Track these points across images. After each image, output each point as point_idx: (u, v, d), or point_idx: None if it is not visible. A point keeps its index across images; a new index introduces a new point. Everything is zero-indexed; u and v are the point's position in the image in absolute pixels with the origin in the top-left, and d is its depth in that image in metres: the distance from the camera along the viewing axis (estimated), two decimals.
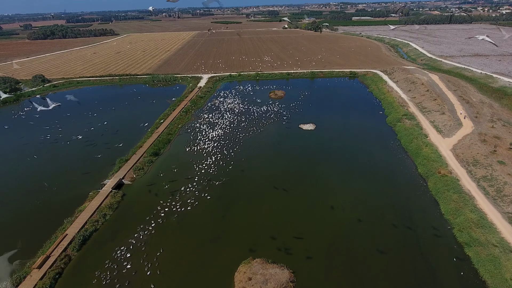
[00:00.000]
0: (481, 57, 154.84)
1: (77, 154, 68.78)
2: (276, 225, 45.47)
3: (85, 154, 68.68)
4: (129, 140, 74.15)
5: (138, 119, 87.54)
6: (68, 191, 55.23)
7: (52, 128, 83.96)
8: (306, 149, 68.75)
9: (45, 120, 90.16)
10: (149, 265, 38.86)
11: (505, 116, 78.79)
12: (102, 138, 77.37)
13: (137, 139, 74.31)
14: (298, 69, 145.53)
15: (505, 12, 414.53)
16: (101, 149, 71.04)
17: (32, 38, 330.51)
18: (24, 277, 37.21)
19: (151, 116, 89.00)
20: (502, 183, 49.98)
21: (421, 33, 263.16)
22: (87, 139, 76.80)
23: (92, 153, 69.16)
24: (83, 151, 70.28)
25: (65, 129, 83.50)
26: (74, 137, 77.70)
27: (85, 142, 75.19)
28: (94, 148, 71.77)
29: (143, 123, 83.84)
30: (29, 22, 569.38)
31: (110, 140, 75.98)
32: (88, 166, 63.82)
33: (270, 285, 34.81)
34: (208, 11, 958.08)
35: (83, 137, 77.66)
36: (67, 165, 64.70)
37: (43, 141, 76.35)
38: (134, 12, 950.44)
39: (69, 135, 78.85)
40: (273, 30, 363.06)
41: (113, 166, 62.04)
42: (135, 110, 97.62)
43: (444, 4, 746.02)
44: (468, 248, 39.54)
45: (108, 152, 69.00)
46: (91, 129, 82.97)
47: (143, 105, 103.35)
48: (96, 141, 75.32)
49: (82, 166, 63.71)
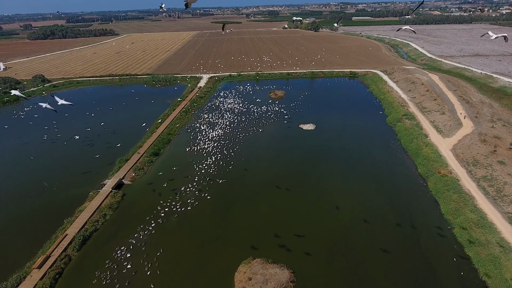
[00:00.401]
0: (481, 57, 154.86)
1: (77, 154, 68.74)
2: (276, 225, 45.46)
3: (85, 154, 68.64)
4: (129, 140, 74.13)
5: (138, 119, 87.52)
6: (68, 191, 55.23)
7: (51, 128, 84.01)
8: (306, 149, 68.72)
9: (45, 120, 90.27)
10: (149, 265, 38.86)
11: (505, 116, 78.78)
12: (101, 138, 77.35)
13: (137, 139, 74.30)
14: (298, 69, 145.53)
15: (505, 12, 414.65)
16: (101, 149, 71.02)
17: (32, 38, 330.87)
18: (24, 277, 37.20)
19: (151, 116, 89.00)
20: (502, 183, 49.99)
21: (421, 33, 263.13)
22: (86, 139, 76.78)
23: (92, 153, 69.11)
24: (83, 151, 70.23)
25: (65, 129, 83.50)
26: (73, 137, 77.59)
27: (85, 142, 75.15)
28: (94, 148, 71.72)
29: (143, 123, 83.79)
30: (29, 22, 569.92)
31: (110, 140, 75.95)
32: (88, 166, 63.79)
33: (270, 285, 34.80)
34: (208, 11, 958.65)
35: (82, 137, 77.61)
36: (67, 165, 64.67)
37: (43, 141, 76.33)
38: (134, 12, 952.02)
39: (69, 135, 78.77)
40: (273, 30, 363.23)
41: (113, 166, 62.05)
42: (135, 110, 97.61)
43: (444, 4, 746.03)
44: (468, 248, 39.53)
45: (108, 152, 68.97)
46: (90, 129, 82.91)
47: (143, 105, 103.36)
48: (96, 141, 75.30)
49: (82, 166, 63.69)
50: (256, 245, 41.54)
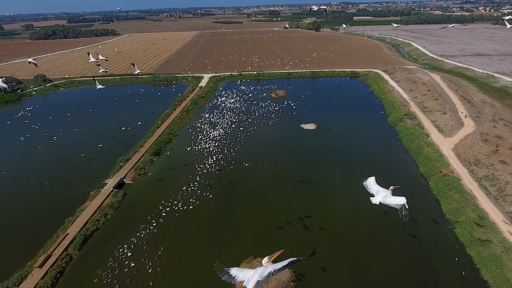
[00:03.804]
0: (483, 56, 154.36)
1: (77, 154, 68.70)
2: (277, 224, 45.40)
3: (85, 154, 68.63)
4: (130, 140, 74.19)
5: (139, 118, 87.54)
6: (69, 190, 55.29)
7: (51, 128, 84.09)
8: (307, 149, 68.67)
9: (45, 120, 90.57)
10: (150, 264, 38.87)
11: (507, 115, 78.51)
12: (102, 137, 77.38)
13: (138, 139, 74.37)
14: (299, 68, 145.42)
15: (507, 12, 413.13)
16: (102, 148, 71.04)
17: (33, 38, 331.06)
18: (25, 276, 37.23)
19: (152, 115, 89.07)
20: (504, 183, 49.84)
21: (423, 32, 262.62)
22: (87, 138, 76.90)
23: (93, 152, 69.19)
24: (84, 150, 70.20)
25: (65, 129, 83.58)
26: (74, 137, 77.78)
27: (85, 141, 75.20)
28: (95, 147, 71.71)
29: (144, 123, 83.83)
30: (30, 22, 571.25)
31: (110, 139, 76.04)
32: (89, 165, 63.89)
33: (271, 284, 34.77)
34: (209, 11, 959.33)
35: (83, 137, 77.79)
36: (68, 164, 64.68)
37: (42, 141, 76.41)
38: (135, 12, 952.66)
39: (69, 135, 79.00)
40: (274, 30, 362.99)
41: (114, 165, 62.13)
42: (136, 110, 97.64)
43: (445, 3, 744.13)
44: (470, 247, 39.38)
45: (109, 152, 69.03)
46: (91, 129, 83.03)
47: (144, 104, 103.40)
48: (97, 141, 75.31)
49: (83, 166, 63.80)
50: (257, 244, 41.50)
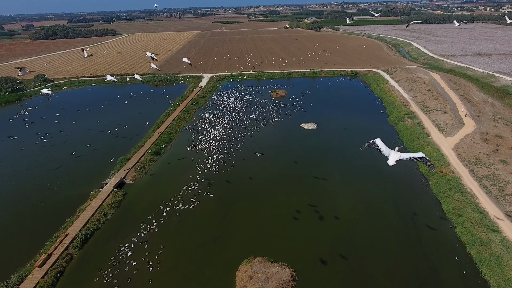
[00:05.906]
0: (483, 56, 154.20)
1: (78, 154, 68.79)
2: (277, 223, 45.45)
3: (86, 154, 68.74)
4: (130, 140, 74.26)
5: (139, 118, 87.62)
6: (70, 190, 55.34)
7: (52, 128, 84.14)
8: (307, 148, 68.65)
9: (45, 120, 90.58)
10: (151, 263, 38.91)
11: (507, 115, 78.42)
12: (102, 137, 77.45)
13: (139, 139, 74.39)
14: (299, 68, 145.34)
15: (507, 11, 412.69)
16: (102, 148, 71.13)
17: (34, 38, 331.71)
18: (26, 275, 37.31)
19: (152, 115, 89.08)
20: (504, 182, 49.81)
21: (423, 32, 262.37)
22: (87, 138, 76.88)
23: (93, 152, 69.25)
24: (84, 150, 70.30)
25: (65, 129, 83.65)
26: (74, 136, 77.83)
27: (86, 141, 75.14)
28: (95, 147, 71.79)
29: (145, 123, 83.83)
30: (31, 22, 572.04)
31: (111, 139, 76.10)
32: (89, 165, 63.93)
33: (272, 283, 34.78)
34: (210, 11, 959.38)
35: (83, 137, 77.79)
36: (69, 164, 64.79)
37: (43, 141, 76.47)
38: (135, 12, 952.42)
39: (70, 135, 79.06)
40: (274, 29, 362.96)
41: (114, 165, 62.15)
42: (136, 110, 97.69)
43: (445, 3, 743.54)
44: (470, 247, 39.38)
45: (109, 151, 68.97)
46: (91, 129, 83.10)
47: (144, 104, 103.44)
48: (97, 141, 75.40)
49: (83, 165, 63.83)
50: (258, 244, 41.52)
